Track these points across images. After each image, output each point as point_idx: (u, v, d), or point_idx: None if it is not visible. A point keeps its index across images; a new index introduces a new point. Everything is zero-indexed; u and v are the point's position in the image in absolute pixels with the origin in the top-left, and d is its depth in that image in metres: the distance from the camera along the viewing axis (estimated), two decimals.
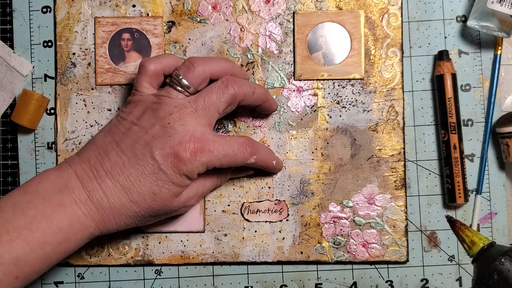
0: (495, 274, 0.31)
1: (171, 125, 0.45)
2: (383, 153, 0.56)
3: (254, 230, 0.56)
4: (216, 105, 0.47)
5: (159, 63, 0.49)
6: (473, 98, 0.56)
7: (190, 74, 0.48)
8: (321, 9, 0.56)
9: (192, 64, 0.48)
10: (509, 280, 0.30)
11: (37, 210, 0.44)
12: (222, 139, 0.47)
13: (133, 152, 0.45)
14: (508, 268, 0.31)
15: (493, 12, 0.51)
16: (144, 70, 0.49)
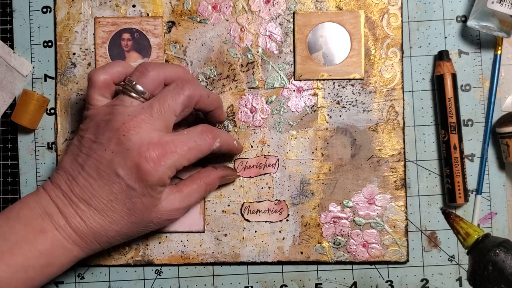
0: (489, 265, 0.31)
1: (127, 137, 0.44)
2: (383, 153, 0.56)
3: (254, 230, 0.56)
4: (173, 107, 0.45)
5: (107, 72, 0.47)
6: (473, 98, 0.56)
7: (144, 79, 0.46)
8: (321, 9, 0.56)
9: (145, 68, 0.47)
10: (503, 271, 0.31)
11: (19, 235, 0.44)
12: (180, 135, 0.46)
13: (98, 174, 0.44)
14: (503, 259, 0.31)
15: (493, 12, 0.51)
16: (93, 82, 0.47)
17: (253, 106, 0.56)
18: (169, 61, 0.57)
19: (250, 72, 0.56)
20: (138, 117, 0.45)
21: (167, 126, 0.46)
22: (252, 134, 0.56)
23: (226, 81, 0.56)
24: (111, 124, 0.45)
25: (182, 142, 0.45)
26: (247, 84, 0.56)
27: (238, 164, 0.56)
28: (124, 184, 0.44)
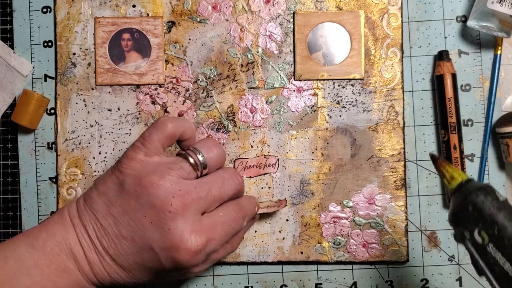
0: (470, 206, 0.34)
1: (172, 215, 0.40)
2: (383, 153, 0.56)
3: (254, 230, 0.56)
4: (226, 193, 0.44)
5: (180, 126, 0.45)
6: (473, 98, 0.56)
7: (210, 154, 0.45)
8: (321, 9, 0.56)
9: (212, 145, 0.45)
10: (482, 211, 0.33)
11: (43, 272, 0.42)
12: (216, 217, 0.44)
13: (131, 237, 0.42)
14: (483, 201, 0.33)
15: (493, 12, 0.51)
16: (163, 127, 0.44)
17: (253, 106, 0.56)
18: (169, 61, 0.57)
19: (250, 72, 0.56)
20: (189, 195, 0.41)
21: (210, 209, 0.44)
22: (252, 134, 0.56)
23: (226, 81, 0.56)
24: (159, 192, 0.41)
25: (221, 227, 0.43)
26: (247, 84, 0.56)
27: (238, 164, 0.56)
28: (156, 258, 0.42)
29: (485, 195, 0.34)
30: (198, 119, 0.56)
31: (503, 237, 0.32)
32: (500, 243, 0.32)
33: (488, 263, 0.33)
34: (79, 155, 0.57)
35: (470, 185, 0.35)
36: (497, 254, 0.32)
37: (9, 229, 0.57)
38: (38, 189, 0.57)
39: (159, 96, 0.57)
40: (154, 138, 0.44)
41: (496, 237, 0.32)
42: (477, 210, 0.33)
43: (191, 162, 0.43)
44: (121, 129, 0.57)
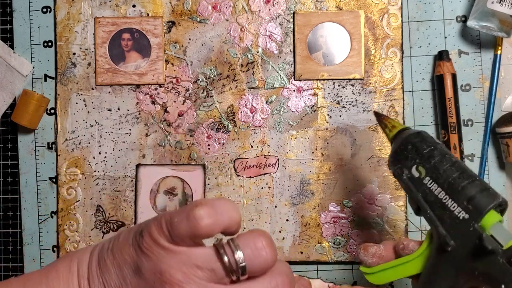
0: (409, 145, 0.38)
1: None
2: (383, 153, 0.56)
3: None
4: None
5: (219, 224, 0.33)
6: (473, 98, 0.56)
7: (257, 260, 0.32)
8: (321, 9, 0.56)
9: (263, 247, 0.33)
10: (420, 149, 0.38)
11: None
12: None
13: None
14: (420, 141, 0.38)
15: (493, 12, 0.51)
16: (194, 224, 0.32)
17: (253, 106, 0.56)
18: (169, 61, 0.57)
19: (250, 72, 0.56)
20: None
21: None
22: (252, 134, 0.56)
23: (226, 81, 0.56)
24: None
25: None
26: (247, 84, 0.56)
27: (238, 164, 0.56)
28: None
29: (421, 138, 0.38)
30: (198, 119, 0.56)
31: (438, 169, 0.36)
32: (436, 175, 0.36)
33: (424, 194, 0.37)
34: (79, 155, 0.57)
35: (409, 130, 0.40)
36: (433, 184, 0.36)
37: (9, 229, 0.57)
38: (38, 189, 0.57)
39: (159, 96, 0.57)
40: (182, 231, 0.33)
41: (432, 170, 0.37)
42: (416, 148, 0.38)
43: (226, 266, 0.32)
44: (121, 129, 0.57)
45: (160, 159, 0.56)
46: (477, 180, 0.35)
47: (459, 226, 0.35)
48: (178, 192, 0.56)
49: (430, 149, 0.37)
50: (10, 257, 0.58)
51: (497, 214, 0.34)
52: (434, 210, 0.36)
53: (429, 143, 0.38)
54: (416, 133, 0.39)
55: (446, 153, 0.37)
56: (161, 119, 0.57)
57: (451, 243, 0.35)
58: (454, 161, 0.36)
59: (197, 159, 0.56)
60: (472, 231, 0.34)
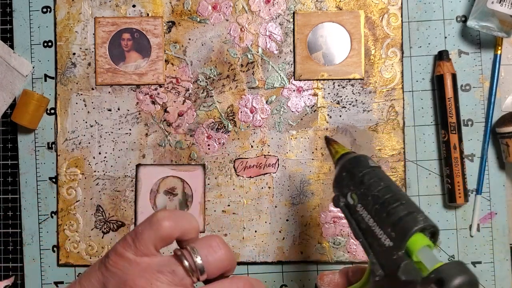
0: (344, 171, 0.38)
1: None
2: (383, 153, 0.56)
3: (254, 230, 0.56)
4: None
5: (179, 226, 0.36)
6: (473, 98, 0.56)
7: (212, 257, 0.35)
8: (321, 9, 0.56)
9: (218, 245, 0.36)
10: (353, 175, 0.37)
11: None
12: None
13: None
14: (353, 166, 0.37)
15: (493, 12, 0.51)
16: (157, 226, 0.35)
17: (253, 106, 0.56)
18: (169, 61, 0.57)
19: (250, 72, 0.56)
20: None
21: None
22: (252, 134, 0.56)
23: (226, 81, 0.56)
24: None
25: None
26: (247, 84, 0.56)
27: (238, 164, 0.56)
28: None
29: (357, 162, 0.38)
30: (198, 119, 0.56)
31: (368, 195, 0.35)
32: (365, 202, 0.35)
33: (357, 221, 0.36)
34: (79, 155, 0.57)
35: (348, 155, 0.39)
36: (364, 211, 0.35)
37: (9, 229, 0.57)
38: (38, 189, 0.57)
39: (159, 96, 0.57)
40: (146, 238, 0.36)
41: (362, 197, 0.36)
42: (350, 174, 0.37)
43: (185, 266, 0.35)
44: (121, 129, 0.57)
45: (160, 159, 0.56)
46: (403, 205, 0.33)
47: (386, 254, 0.33)
48: (178, 192, 0.56)
49: (362, 175, 0.36)
50: (10, 257, 0.58)
51: (425, 238, 0.32)
52: (367, 238, 0.35)
53: (362, 168, 0.37)
54: (352, 158, 0.38)
55: (379, 177, 0.36)
56: (161, 119, 0.57)
57: (379, 273, 0.33)
58: (384, 185, 0.35)
59: (197, 159, 0.56)
60: (395, 259, 0.32)
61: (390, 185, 0.35)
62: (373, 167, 0.37)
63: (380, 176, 0.36)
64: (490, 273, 0.55)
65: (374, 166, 0.37)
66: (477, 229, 0.56)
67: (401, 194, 0.35)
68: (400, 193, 0.35)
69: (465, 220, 0.56)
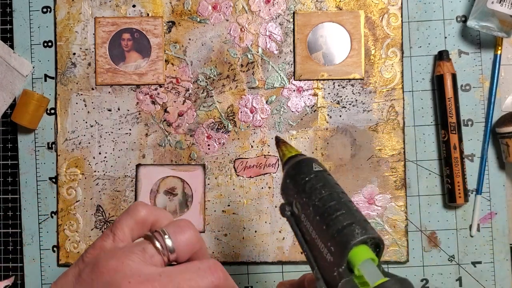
0: (288, 178, 0.35)
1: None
2: (383, 153, 0.56)
3: (254, 230, 0.56)
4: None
5: (154, 213, 0.39)
6: (473, 98, 0.56)
7: (180, 236, 0.37)
8: (321, 9, 0.56)
9: (185, 225, 0.38)
10: (296, 182, 0.34)
11: None
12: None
13: None
14: (296, 173, 0.34)
15: (493, 12, 0.51)
16: (134, 212, 0.39)
17: (253, 106, 0.56)
18: (169, 61, 0.57)
19: (250, 72, 0.56)
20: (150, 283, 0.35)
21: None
22: (252, 134, 0.56)
23: (226, 81, 0.56)
24: (116, 277, 0.35)
25: None
26: (247, 84, 0.56)
27: (238, 164, 0.56)
28: None
29: (300, 168, 0.34)
30: (198, 119, 0.56)
31: (309, 205, 0.32)
32: (307, 212, 0.32)
33: (302, 233, 0.33)
34: (79, 155, 0.57)
35: (292, 160, 0.36)
36: (307, 222, 0.32)
37: (9, 229, 0.57)
38: (38, 189, 0.57)
39: (159, 96, 0.57)
40: (123, 223, 0.38)
41: (305, 207, 0.32)
42: (294, 181, 0.34)
43: (155, 245, 0.36)
44: (121, 129, 0.57)
45: (160, 159, 0.56)
46: (342, 215, 0.30)
47: (328, 270, 0.30)
48: (178, 192, 0.56)
49: (304, 182, 0.33)
50: (10, 257, 0.58)
51: (368, 251, 0.29)
52: (312, 250, 0.32)
53: (304, 174, 0.33)
54: (295, 163, 0.35)
55: (322, 184, 0.32)
56: (161, 119, 0.57)
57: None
58: (327, 193, 0.31)
59: (197, 159, 0.56)
60: (336, 276, 0.29)
61: (332, 192, 0.32)
62: (316, 172, 0.33)
63: (323, 182, 0.33)
64: (490, 273, 0.55)
65: (318, 170, 0.34)
66: (477, 229, 0.56)
67: (342, 202, 0.31)
68: (341, 201, 0.31)
69: (465, 220, 0.56)
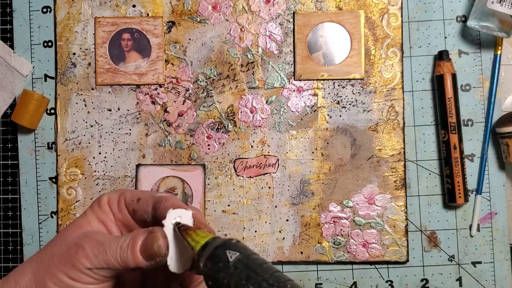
0: (208, 280, 0.29)
1: None
2: (383, 153, 0.56)
3: (254, 230, 0.56)
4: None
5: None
6: (473, 98, 0.56)
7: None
8: (321, 9, 0.56)
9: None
10: (220, 283, 0.28)
11: None
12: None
13: None
14: (212, 273, 0.28)
15: (493, 12, 0.51)
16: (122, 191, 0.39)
17: (253, 106, 0.56)
18: (169, 61, 0.57)
19: (250, 72, 0.56)
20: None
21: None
22: (252, 134, 0.56)
23: (226, 81, 0.56)
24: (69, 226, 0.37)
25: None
26: (247, 84, 0.56)
27: (238, 164, 0.56)
28: None
29: (215, 264, 0.28)
30: (198, 119, 0.56)
31: None
32: None
33: None
34: (79, 155, 0.57)
35: (204, 254, 0.29)
36: None
37: (9, 229, 0.57)
38: (38, 189, 0.57)
39: (159, 96, 0.57)
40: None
41: None
42: (216, 283, 0.28)
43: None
44: (121, 129, 0.57)
45: (160, 159, 0.56)
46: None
47: None
48: (178, 192, 0.56)
49: (227, 281, 0.28)
50: (10, 257, 0.58)
51: None
52: None
53: (223, 271, 0.28)
54: (207, 259, 0.29)
55: (245, 275, 0.27)
56: (161, 119, 0.57)
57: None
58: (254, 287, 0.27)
59: (197, 159, 0.56)
60: None
61: (260, 283, 0.27)
62: (234, 263, 0.28)
63: (246, 273, 0.27)
64: (490, 273, 0.55)
65: (235, 260, 0.28)
66: (477, 229, 0.56)
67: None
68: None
69: (465, 220, 0.56)
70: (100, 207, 0.39)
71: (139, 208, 0.38)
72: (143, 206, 0.38)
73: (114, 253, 0.35)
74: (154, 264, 0.35)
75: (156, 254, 0.34)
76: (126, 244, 0.35)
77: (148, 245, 0.35)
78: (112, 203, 0.39)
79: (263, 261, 0.28)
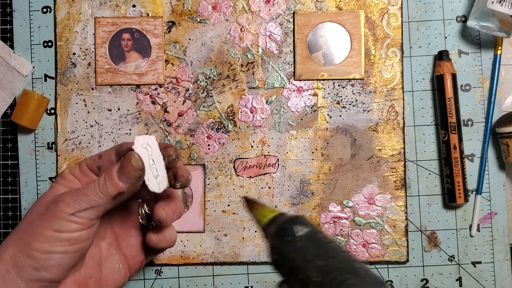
0: (273, 253, 0.30)
1: None
2: (383, 153, 0.56)
3: (254, 230, 0.56)
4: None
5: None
6: (473, 98, 0.56)
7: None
8: (321, 9, 0.56)
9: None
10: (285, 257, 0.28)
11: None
12: None
13: None
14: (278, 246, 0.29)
15: (493, 12, 0.51)
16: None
17: (253, 106, 0.56)
18: (169, 61, 0.57)
19: (250, 72, 0.56)
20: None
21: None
22: (252, 134, 0.56)
23: (226, 81, 0.56)
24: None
25: None
26: (247, 84, 0.56)
27: (238, 164, 0.56)
28: None
29: (281, 238, 0.29)
30: (198, 119, 0.56)
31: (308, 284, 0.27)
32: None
33: None
34: (79, 155, 0.57)
35: (271, 226, 0.30)
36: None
37: (9, 229, 0.57)
38: (38, 189, 0.57)
39: (159, 96, 0.57)
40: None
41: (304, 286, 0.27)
42: (281, 257, 0.28)
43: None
44: (121, 129, 0.57)
45: None
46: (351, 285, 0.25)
47: None
48: (178, 192, 0.56)
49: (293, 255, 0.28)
50: None
51: None
52: None
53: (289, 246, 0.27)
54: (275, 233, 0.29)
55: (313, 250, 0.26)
56: (161, 119, 0.57)
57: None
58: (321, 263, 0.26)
59: (197, 159, 0.56)
60: None
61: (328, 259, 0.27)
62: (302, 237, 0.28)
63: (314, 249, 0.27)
64: (490, 273, 0.55)
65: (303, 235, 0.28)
66: (477, 229, 0.56)
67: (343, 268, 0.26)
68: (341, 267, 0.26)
69: (465, 220, 0.56)
70: (64, 178, 0.40)
71: (103, 162, 0.40)
72: (106, 158, 0.40)
73: (94, 190, 0.37)
74: (134, 184, 0.37)
75: (135, 169, 0.37)
76: (103, 178, 0.37)
77: (125, 165, 0.37)
78: (74, 171, 0.41)
79: (329, 240, 0.28)
